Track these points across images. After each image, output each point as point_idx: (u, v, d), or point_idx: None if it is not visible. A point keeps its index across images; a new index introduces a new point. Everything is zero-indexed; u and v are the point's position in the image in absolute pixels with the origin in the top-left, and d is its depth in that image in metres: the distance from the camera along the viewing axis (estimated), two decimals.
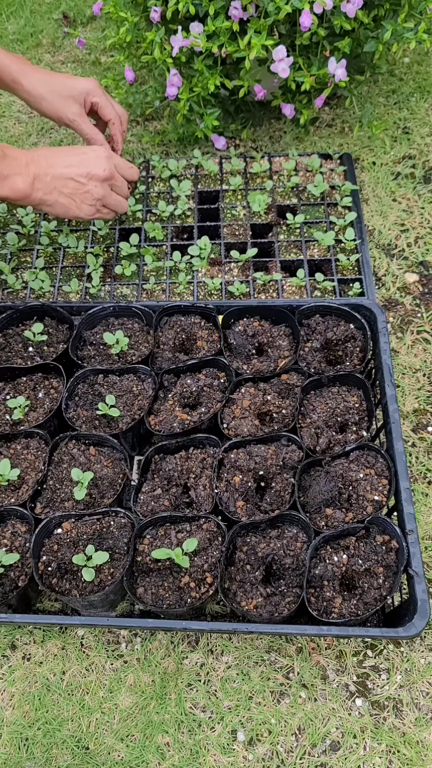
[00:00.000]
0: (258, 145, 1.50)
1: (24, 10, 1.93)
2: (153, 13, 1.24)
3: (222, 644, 0.92)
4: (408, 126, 1.49)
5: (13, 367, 1.05)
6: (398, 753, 0.84)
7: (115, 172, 1.10)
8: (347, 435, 0.95)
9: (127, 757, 0.85)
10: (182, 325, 1.08)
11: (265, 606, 0.82)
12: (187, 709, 0.88)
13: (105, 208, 1.11)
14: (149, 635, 0.93)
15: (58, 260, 1.30)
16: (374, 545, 0.85)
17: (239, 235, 1.30)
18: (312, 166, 1.37)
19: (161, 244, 1.31)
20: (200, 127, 1.36)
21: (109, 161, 1.08)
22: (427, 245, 1.30)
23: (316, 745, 0.85)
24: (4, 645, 0.94)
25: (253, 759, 0.84)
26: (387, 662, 0.90)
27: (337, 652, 0.91)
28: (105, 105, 1.18)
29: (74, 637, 0.94)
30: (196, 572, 0.85)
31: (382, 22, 1.22)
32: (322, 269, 1.26)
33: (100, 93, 1.17)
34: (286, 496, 0.90)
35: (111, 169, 1.08)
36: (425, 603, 0.78)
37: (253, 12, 1.16)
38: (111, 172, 1.08)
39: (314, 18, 1.13)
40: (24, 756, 0.86)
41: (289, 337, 1.06)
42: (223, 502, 0.90)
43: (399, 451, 0.89)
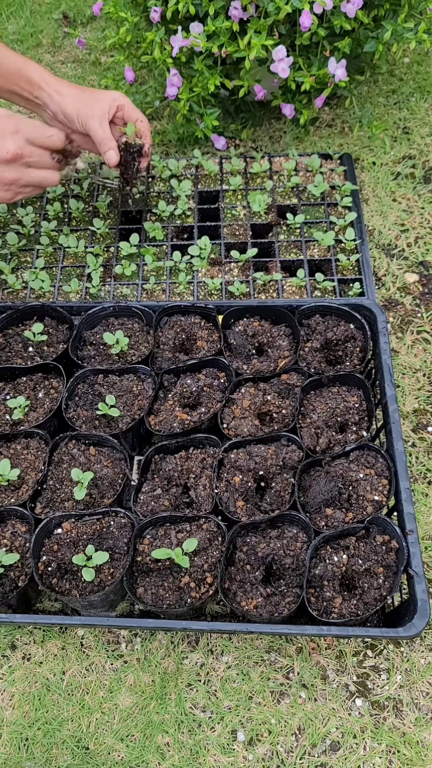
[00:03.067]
0: (258, 145, 1.50)
1: (24, 10, 1.92)
2: (153, 13, 1.24)
3: (222, 644, 0.92)
4: (408, 126, 1.49)
5: (13, 367, 1.05)
6: (398, 753, 0.84)
7: (25, 149, 1.00)
8: (347, 435, 0.95)
9: (127, 757, 0.85)
10: (182, 325, 1.08)
11: (265, 606, 0.82)
12: (187, 709, 0.88)
13: (26, 188, 1.04)
14: (149, 635, 0.93)
15: (58, 260, 1.30)
16: (374, 545, 0.85)
17: (239, 235, 1.30)
18: (312, 166, 1.37)
19: (161, 244, 1.31)
20: (200, 127, 1.36)
21: (14, 138, 0.98)
22: (427, 245, 1.30)
23: (316, 745, 0.85)
24: (4, 645, 0.94)
25: (253, 759, 0.84)
26: (387, 662, 0.90)
27: (337, 652, 0.91)
28: (131, 107, 1.13)
29: (74, 637, 0.94)
30: (196, 572, 0.85)
31: (382, 22, 1.22)
32: (322, 269, 1.26)
33: (126, 99, 1.13)
34: (286, 496, 0.90)
35: (17, 147, 0.98)
36: (425, 603, 0.78)
37: (253, 12, 1.17)
38: (17, 151, 0.98)
39: (314, 18, 1.13)
40: (24, 756, 0.86)
41: (289, 337, 1.06)
42: (223, 502, 0.90)
43: (399, 451, 0.89)
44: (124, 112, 1.12)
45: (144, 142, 1.14)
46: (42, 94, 1.08)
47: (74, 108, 1.07)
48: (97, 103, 1.08)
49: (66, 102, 1.08)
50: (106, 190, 1.41)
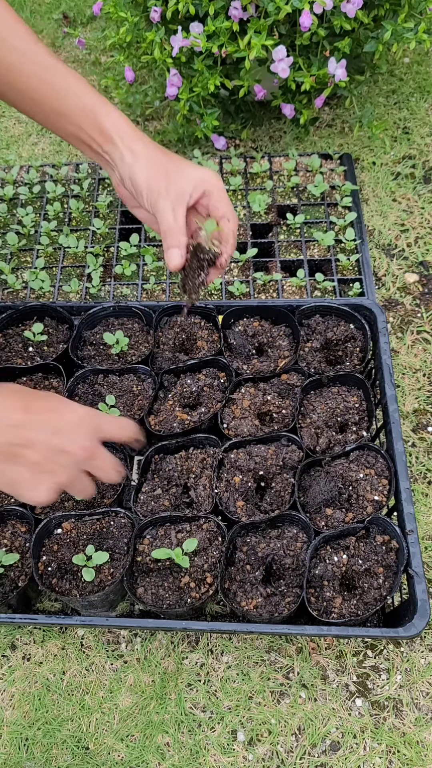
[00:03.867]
0: (258, 145, 1.50)
1: (24, 10, 1.92)
2: (153, 13, 1.24)
3: (222, 644, 0.92)
4: (408, 126, 1.49)
5: (13, 367, 1.05)
6: (398, 753, 0.84)
7: (97, 449, 0.74)
8: (347, 435, 0.95)
9: (127, 757, 0.85)
10: (182, 325, 1.08)
11: (265, 606, 0.82)
12: (187, 709, 0.88)
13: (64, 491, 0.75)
14: (149, 635, 0.93)
15: (58, 260, 1.30)
16: (374, 545, 0.85)
17: (239, 235, 1.30)
18: (312, 166, 1.37)
19: (161, 244, 1.30)
20: (200, 127, 1.36)
21: (93, 435, 0.74)
22: (427, 245, 1.30)
23: (316, 745, 0.85)
24: (4, 645, 0.94)
25: (253, 759, 0.84)
26: (387, 662, 0.90)
27: (337, 652, 0.91)
28: (221, 198, 0.81)
29: (74, 637, 0.94)
30: (196, 572, 0.85)
31: (382, 22, 1.22)
32: (322, 269, 1.26)
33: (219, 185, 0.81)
34: (286, 496, 0.90)
35: (93, 444, 0.74)
36: (425, 603, 0.78)
37: (253, 12, 1.16)
38: (92, 450, 0.73)
39: (314, 18, 1.13)
40: (24, 756, 0.86)
41: (289, 337, 1.06)
42: (223, 502, 0.90)
43: (399, 451, 0.89)
44: (210, 199, 0.81)
45: (222, 251, 0.82)
46: (113, 150, 0.80)
47: (145, 178, 0.80)
48: (178, 180, 0.79)
49: (138, 168, 0.80)
50: (106, 191, 1.41)
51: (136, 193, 0.81)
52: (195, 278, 0.84)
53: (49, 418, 0.71)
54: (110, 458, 0.76)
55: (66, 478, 0.72)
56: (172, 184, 0.79)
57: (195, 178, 0.80)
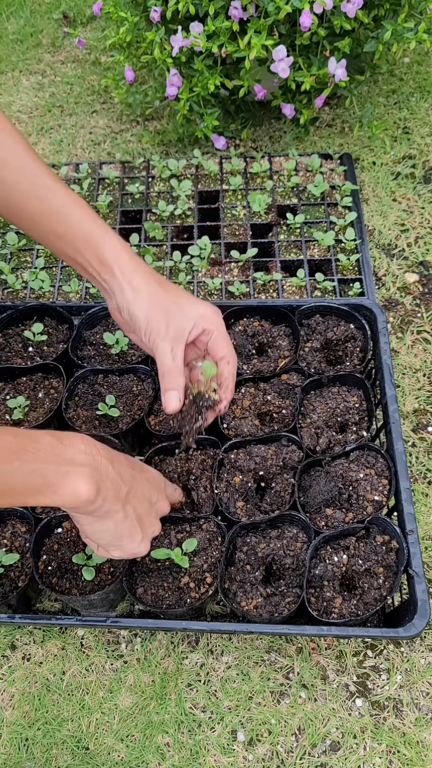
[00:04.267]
0: (258, 145, 1.50)
1: (24, 10, 1.92)
2: (153, 13, 1.24)
3: (222, 644, 0.92)
4: (408, 126, 1.49)
5: (13, 367, 1.05)
6: (398, 753, 0.84)
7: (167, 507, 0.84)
8: (347, 435, 0.95)
9: (127, 758, 0.85)
10: None
11: (265, 606, 0.82)
12: (187, 709, 0.88)
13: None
14: (149, 635, 0.93)
15: (58, 260, 1.30)
16: (374, 545, 0.85)
17: (239, 235, 1.30)
18: (312, 166, 1.37)
19: (161, 244, 1.30)
20: (200, 127, 1.36)
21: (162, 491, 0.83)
22: (427, 245, 1.30)
23: (316, 746, 0.85)
24: (4, 645, 0.94)
25: (253, 759, 0.84)
26: (387, 662, 0.90)
27: (337, 652, 0.91)
28: (221, 337, 0.80)
29: (74, 638, 0.94)
30: (196, 572, 0.85)
31: (382, 22, 1.22)
32: (322, 269, 1.26)
33: (219, 323, 0.80)
34: (286, 496, 0.90)
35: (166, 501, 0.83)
36: (425, 603, 0.78)
37: (253, 12, 1.16)
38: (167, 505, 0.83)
39: (314, 18, 1.13)
40: (24, 756, 0.86)
41: (289, 337, 1.06)
42: (223, 503, 0.90)
43: (399, 451, 0.89)
44: (210, 338, 0.81)
45: (221, 398, 0.81)
46: (112, 280, 0.79)
47: (145, 316, 0.78)
48: (178, 318, 0.78)
49: (137, 305, 0.78)
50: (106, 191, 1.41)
51: (135, 328, 0.80)
52: (192, 422, 0.83)
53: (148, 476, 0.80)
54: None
55: (158, 529, 0.80)
56: (172, 322, 0.78)
57: (195, 316, 0.79)
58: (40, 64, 1.78)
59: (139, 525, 0.74)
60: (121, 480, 0.71)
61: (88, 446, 0.68)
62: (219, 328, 0.80)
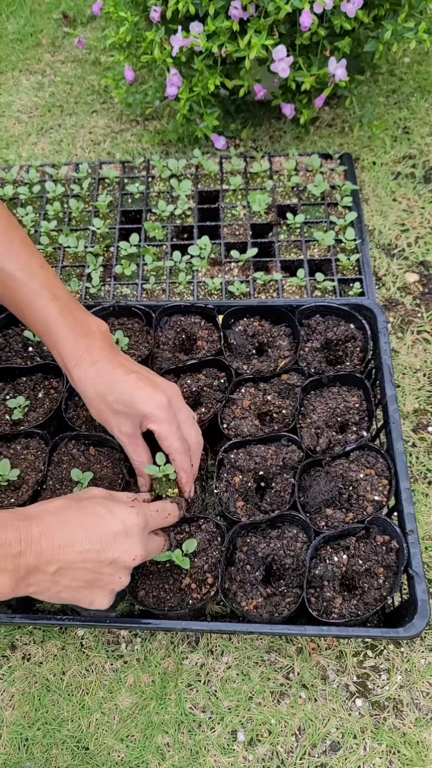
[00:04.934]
0: (258, 145, 1.50)
1: (24, 9, 1.92)
2: (153, 13, 1.24)
3: (222, 644, 0.92)
4: (408, 126, 1.49)
5: (13, 367, 1.05)
6: (398, 753, 0.84)
7: (147, 553, 0.75)
8: (347, 435, 0.95)
9: (127, 758, 0.85)
10: (182, 325, 1.08)
11: (265, 606, 0.82)
12: (187, 709, 0.88)
13: None
14: (149, 635, 0.93)
15: (58, 260, 1.30)
16: (374, 545, 0.85)
17: (239, 234, 1.30)
18: (312, 165, 1.37)
19: (161, 244, 1.30)
20: (200, 126, 1.36)
21: (141, 536, 0.74)
22: (428, 245, 1.30)
23: (317, 746, 0.85)
24: (4, 645, 0.94)
25: (253, 759, 0.84)
26: (387, 662, 0.90)
27: (337, 652, 0.91)
28: (167, 435, 0.80)
29: (74, 638, 0.94)
30: (197, 573, 0.85)
31: (382, 21, 1.22)
32: (322, 269, 1.26)
33: (164, 417, 0.80)
34: (286, 496, 0.90)
35: (144, 548, 0.74)
36: (425, 603, 0.78)
37: (253, 12, 1.16)
38: (144, 553, 0.74)
39: (314, 18, 1.13)
40: (24, 756, 0.86)
41: (289, 337, 1.06)
42: (223, 503, 0.90)
43: (399, 452, 0.89)
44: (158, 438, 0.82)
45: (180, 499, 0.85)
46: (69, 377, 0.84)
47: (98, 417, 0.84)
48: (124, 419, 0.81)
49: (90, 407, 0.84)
50: (106, 191, 1.41)
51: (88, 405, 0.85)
52: None
53: (96, 532, 0.71)
54: (159, 545, 0.81)
55: (123, 584, 0.74)
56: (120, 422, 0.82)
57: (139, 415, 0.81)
58: (40, 64, 1.78)
59: (88, 589, 0.72)
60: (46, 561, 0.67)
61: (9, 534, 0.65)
62: (164, 428, 0.80)
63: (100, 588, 0.72)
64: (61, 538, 0.68)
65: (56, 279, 0.86)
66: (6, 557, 0.63)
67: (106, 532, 0.71)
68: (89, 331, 0.84)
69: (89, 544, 0.69)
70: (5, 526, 0.65)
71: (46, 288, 0.83)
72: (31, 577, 0.66)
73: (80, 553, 0.69)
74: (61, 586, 0.69)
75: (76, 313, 0.85)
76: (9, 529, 0.65)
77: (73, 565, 0.69)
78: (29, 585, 0.67)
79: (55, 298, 0.84)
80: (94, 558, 0.70)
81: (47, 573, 0.67)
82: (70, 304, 0.85)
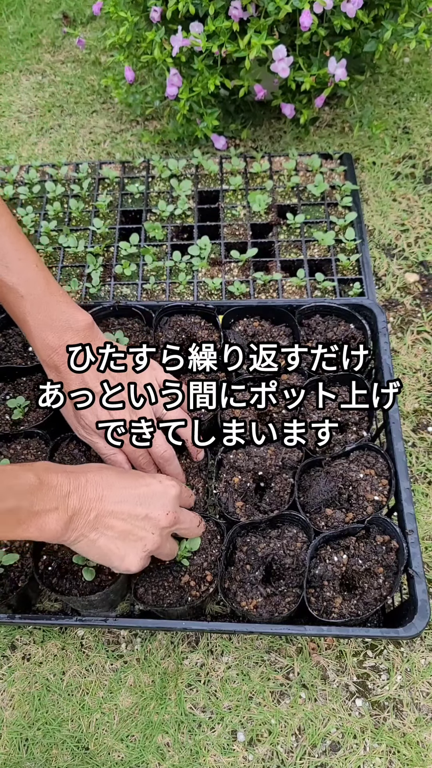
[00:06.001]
0: (258, 145, 1.50)
1: (24, 9, 1.92)
2: (153, 13, 1.24)
3: (222, 644, 0.92)
4: (408, 126, 1.49)
5: (13, 367, 1.05)
6: (398, 753, 0.84)
7: (180, 513, 0.79)
8: (347, 435, 0.95)
9: (127, 758, 0.85)
10: (182, 325, 1.08)
11: (265, 606, 0.82)
12: (187, 709, 0.88)
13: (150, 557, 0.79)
14: (149, 635, 0.93)
15: (58, 260, 1.30)
16: (374, 545, 0.85)
17: (239, 235, 1.30)
18: (312, 165, 1.37)
19: (161, 244, 1.30)
20: (200, 127, 1.36)
21: (176, 502, 0.78)
22: (428, 245, 1.30)
23: (316, 746, 0.85)
24: (4, 645, 0.94)
25: (253, 759, 0.84)
26: (387, 662, 0.90)
27: (337, 652, 0.91)
28: None
29: (74, 638, 0.94)
30: (196, 571, 0.85)
31: (382, 22, 1.22)
32: (322, 269, 1.26)
33: None
34: (285, 496, 0.90)
35: (176, 511, 0.78)
36: (425, 603, 0.78)
37: (253, 12, 1.16)
38: (176, 516, 0.78)
39: (314, 18, 1.13)
40: (24, 756, 0.86)
41: (289, 337, 1.06)
42: (222, 503, 0.90)
43: (399, 452, 0.89)
44: None
45: None
46: None
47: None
48: None
49: None
50: (106, 191, 1.41)
51: None
52: None
53: (134, 489, 0.76)
54: (193, 517, 0.83)
55: (154, 544, 0.76)
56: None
57: None
58: (40, 64, 1.78)
59: (122, 542, 0.75)
60: (88, 505, 0.72)
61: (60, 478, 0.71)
62: None
63: (133, 543, 0.75)
64: (103, 489, 0.73)
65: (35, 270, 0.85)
66: (58, 497, 0.69)
67: (144, 491, 0.76)
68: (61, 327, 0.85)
69: (127, 497, 0.75)
70: (56, 472, 0.71)
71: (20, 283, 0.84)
72: (75, 520, 0.71)
73: (117, 503, 0.74)
74: (99, 533, 0.73)
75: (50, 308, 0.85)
76: (60, 474, 0.71)
77: (110, 515, 0.73)
78: (73, 529, 0.71)
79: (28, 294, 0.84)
80: (129, 510, 0.74)
81: (88, 519, 0.72)
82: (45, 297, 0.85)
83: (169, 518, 0.76)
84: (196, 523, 0.83)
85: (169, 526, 0.77)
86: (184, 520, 0.80)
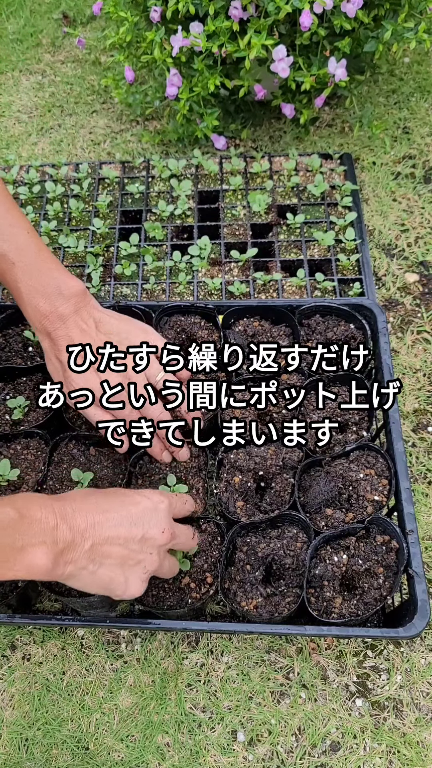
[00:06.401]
0: (258, 145, 1.50)
1: (24, 9, 1.92)
2: (153, 13, 1.24)
3: (222, 644, 0.92)
4: (408, 126, 1.49)
5: (13, 367, 1.05)
6: (398, 753, 0.84)
7: (175, 528, 0.76)
8: (347, 435, 0.95)
9: (127, 758, 0.85)
10: (182, 325, 1.08)
11: (265, 606, 0.82)
12: (187, 709, 0.88)
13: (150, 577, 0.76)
14: (149, 635, 0.93)
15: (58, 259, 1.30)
16: (374, 545, 0.85)
17: (239, 235, 1.30)
18: (312, 165, 1.37)
19: (161, 244, 1.30)
20: (200, 127, 1.36)
21: (168, 517, 0.75)
22: (428, 245, 1.30)
23: (316, 746, 0.85)
24: (4, 645, 0.94)
25: (253, 759, 0.84)
26: (387, 662, 0.90)
27: (337, 652, 0.91)
28: None
29: (74, 638, 0.94)
30: (197, 572, 0.85)
31: (382, 21, 1.22)
32: (322, 269, 1.26)
33: None
34: (286, 496, 0.90)
35: (171, 527, 0.75)
36: (425, 603, 0.78)
37: (253, 12, 1.16)
38: (172, 532, 0.75)
39: (314, 18, 1.13)
40: (24, 756, 0.86)
41: (289, 337, 1.06)
42: (223, 503, 0.90)
43: (399, 452, 0.89)
44: None
45: None
46: None
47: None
48: None
49: None
50: (106, 191, 1.41)
51: None
52: None
53: (125, 511, 0.72)
54: (186, 530, 0.80)
55: (153, 564, 0.73)
56: None
57: None
58: (40, 64, 1.78)
59: (121, 568, 0.71)
60: (81, 535, 0.68)
61: (44, 510, 0.66)
62: None
63: (133, 567, 0.72)
64: (94, 516, 0.69)
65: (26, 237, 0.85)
66: (43, 531, 0.64)
67: (135, 511, 0.72)
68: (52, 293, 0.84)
69: (120, 520, 0.71)
70: (40, 505, 0.66)
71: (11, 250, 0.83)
72: (69, 553, 0.66)
73: (112, 528, 0.70)
74: (97, 564, 0.69)
75: (42, 275, 0.84)
76: (44, 507, 0.66)
77: (107, 541, 0.69)
78: (67, 563, 0.67)
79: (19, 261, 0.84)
80: (126, 534, 0.70)
81: (83, 549, 0.67)
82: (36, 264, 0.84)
83: (165, 536, 0.74)
84: (190, 536, 0.81)
85: (166, 543, 0.74)
86: (180, 535, 0.78)
